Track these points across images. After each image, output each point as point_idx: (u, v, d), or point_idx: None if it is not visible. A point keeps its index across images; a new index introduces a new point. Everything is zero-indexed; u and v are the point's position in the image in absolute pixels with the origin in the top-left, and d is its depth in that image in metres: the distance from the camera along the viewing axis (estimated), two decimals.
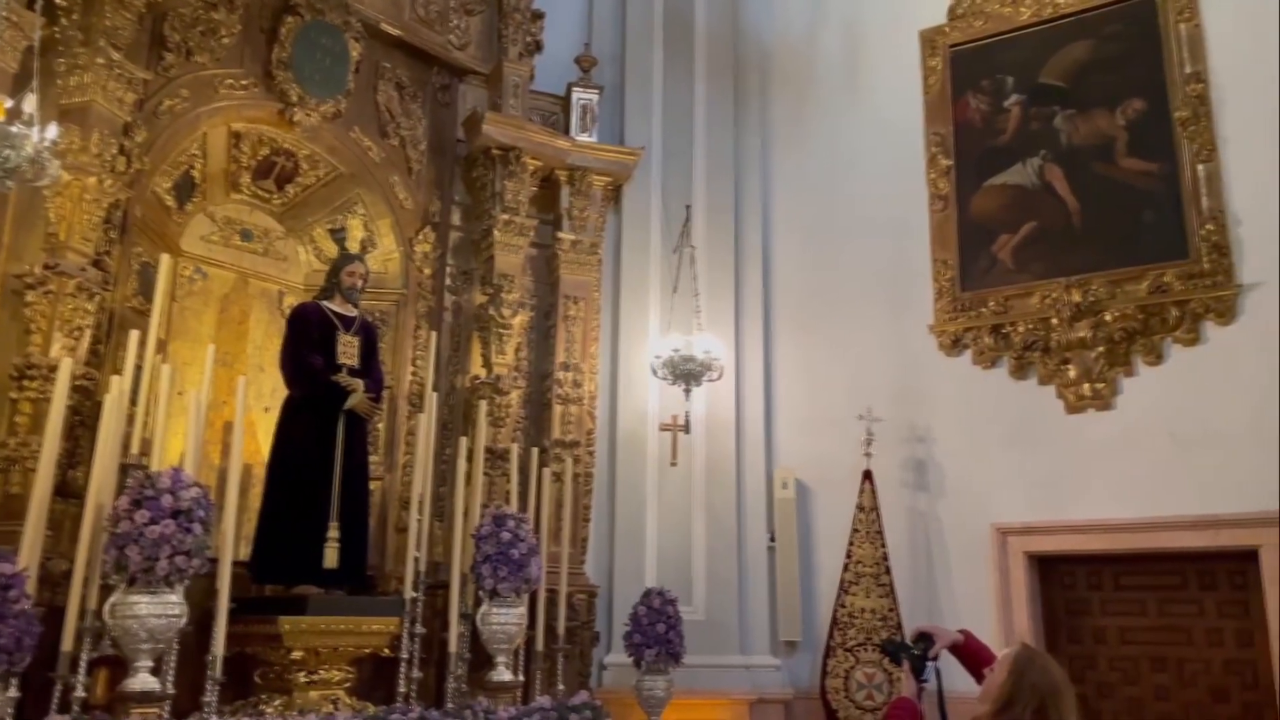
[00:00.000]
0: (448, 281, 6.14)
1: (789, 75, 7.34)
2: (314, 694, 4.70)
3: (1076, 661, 5.66)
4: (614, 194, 6.79)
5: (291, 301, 5.76)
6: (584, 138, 6.61)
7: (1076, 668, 5.62)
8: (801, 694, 6.15)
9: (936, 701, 2.95)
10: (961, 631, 3.19)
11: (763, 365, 6.81)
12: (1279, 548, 5.10)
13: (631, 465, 6.44)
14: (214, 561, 4.10)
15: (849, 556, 6.02)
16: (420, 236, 6.03)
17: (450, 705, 4.82)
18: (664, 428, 6.40)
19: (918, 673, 3.01)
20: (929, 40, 6.79)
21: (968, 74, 6.61)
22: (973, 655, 3.14)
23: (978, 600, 5.82)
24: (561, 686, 5.42)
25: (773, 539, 6.46)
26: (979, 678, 3.02)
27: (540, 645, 5.40)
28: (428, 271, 6.05)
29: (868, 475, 6.13)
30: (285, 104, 5.46)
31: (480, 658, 5.12)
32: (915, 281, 6.49)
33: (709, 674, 5.95)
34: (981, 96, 6.53)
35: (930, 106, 6.69)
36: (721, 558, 6.34)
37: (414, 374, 5.84)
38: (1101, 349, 5.76)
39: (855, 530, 6.07)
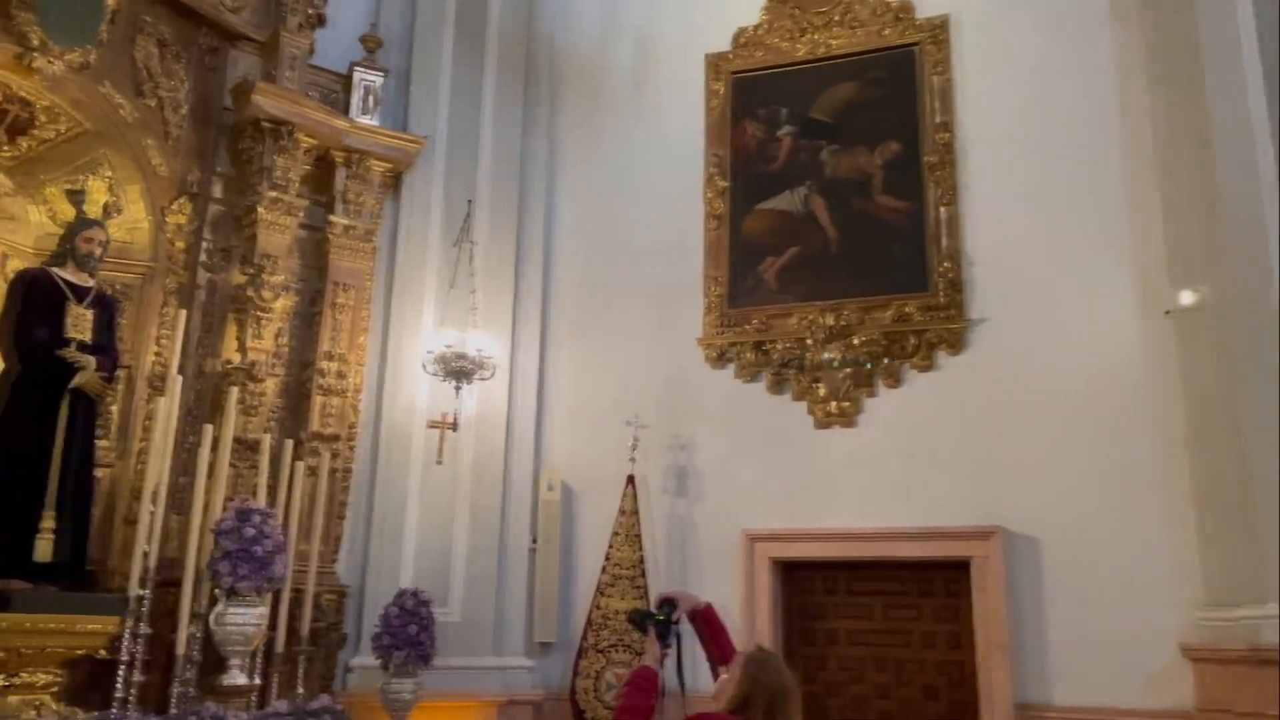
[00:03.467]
0: (203, 257, 5.75)
1: (580, 81, 7.42)
2: (13, 699, 4.28)
3: (810, 662, 6.03)
4: (394, 181, 6.59)
5: (18, 265, 5.20)
6: (365, 120, 6.38)
7: (809, 668, 6.00)
8: (553, 695, 6.20)
9: (676, 667, 3.05)
10: (707, 604, 3.32)
11: (536, 367, 6.83)
12: (986, 559, 5.65)
13: (395, 462, 6.26)
14: None
15: (608, 559, 6.15)
16: (175, 206, 5.61)
17: (175, 710, 4.50)
18: (432, 425, 6.26)
19: (663, 638, 3.09)
20: (713, 64, 7.05)
21: (747, 101, 6.91)
22: (713, 628, 3.28)
23: (725, 603, 5.92)
24: (302, 690, 5.20)
25: (535, 540, 6.48)
26: (712, 650, 3.16)
27: (281, 647, 5.15)
28: (181, 245, 5.64)
29: (631, 480, 6.28)
30: (24, 48, 4.94)
31: (214, 660, 4.83)
32: (687, 295, 6.70)
33: (461, 675, 5.88)
34: (758, 124, 6.85)
35: (711, 128, 6.94)
36: (482, 558, 6.28)
37: (158, 354, 5.41)
38: (849, 370, 6.18)
39: (615, 533, 6.20)
